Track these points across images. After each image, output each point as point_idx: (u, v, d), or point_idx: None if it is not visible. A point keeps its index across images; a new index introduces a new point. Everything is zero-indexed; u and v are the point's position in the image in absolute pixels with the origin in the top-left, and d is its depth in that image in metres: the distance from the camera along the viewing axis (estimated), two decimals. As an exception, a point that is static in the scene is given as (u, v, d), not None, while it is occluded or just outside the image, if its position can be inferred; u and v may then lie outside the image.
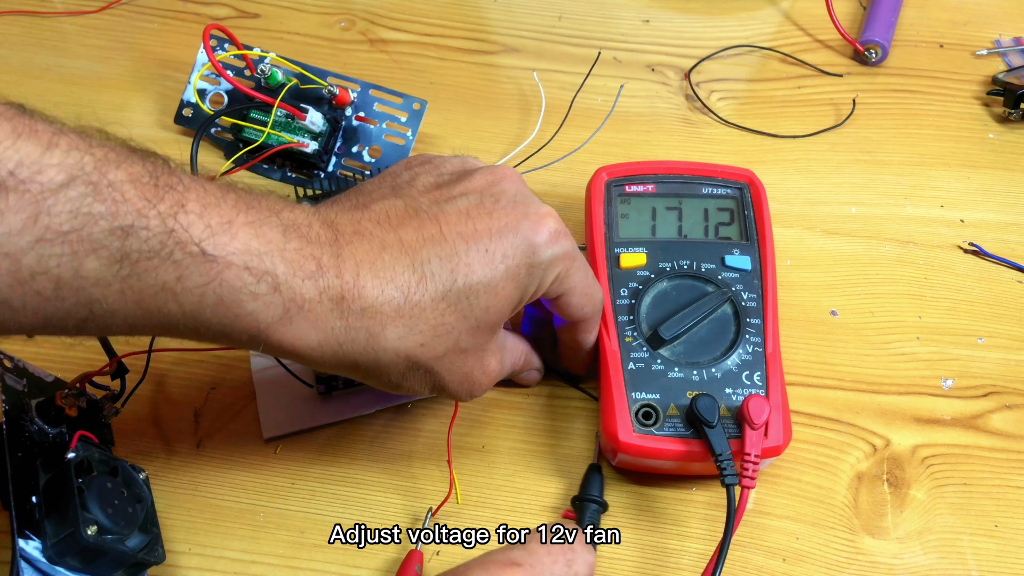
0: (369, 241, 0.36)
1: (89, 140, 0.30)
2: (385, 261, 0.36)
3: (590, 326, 0.44)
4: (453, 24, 0.67)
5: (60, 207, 0.28)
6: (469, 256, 0.37)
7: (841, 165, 0.59)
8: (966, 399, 0.49)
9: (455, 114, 0.61)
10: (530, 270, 0.38)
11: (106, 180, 0.29)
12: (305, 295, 0.34)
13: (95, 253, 0.29)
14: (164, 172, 0.31)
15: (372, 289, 0.35)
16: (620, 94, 0.62)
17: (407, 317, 0.36)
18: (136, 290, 0.30)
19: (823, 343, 0.51)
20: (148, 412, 0.48)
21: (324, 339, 0.35)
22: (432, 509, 0.44)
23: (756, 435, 0.42)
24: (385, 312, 0.35)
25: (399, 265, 0.36)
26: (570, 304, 0.41)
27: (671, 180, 0.51)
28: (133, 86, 0.62)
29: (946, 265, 0.54)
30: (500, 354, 0.41)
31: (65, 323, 0.30)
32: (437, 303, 0.36)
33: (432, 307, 0.36)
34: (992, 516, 0.45)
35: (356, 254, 0.35)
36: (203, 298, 0.32)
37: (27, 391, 0.42)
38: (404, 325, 0.36)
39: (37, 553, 0.38)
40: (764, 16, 0.68)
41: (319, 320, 0.34)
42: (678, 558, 0.44)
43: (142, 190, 0.30)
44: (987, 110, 0.62)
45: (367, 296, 0.35)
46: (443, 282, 0.36)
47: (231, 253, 0.32)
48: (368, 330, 0.35)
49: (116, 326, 0.31)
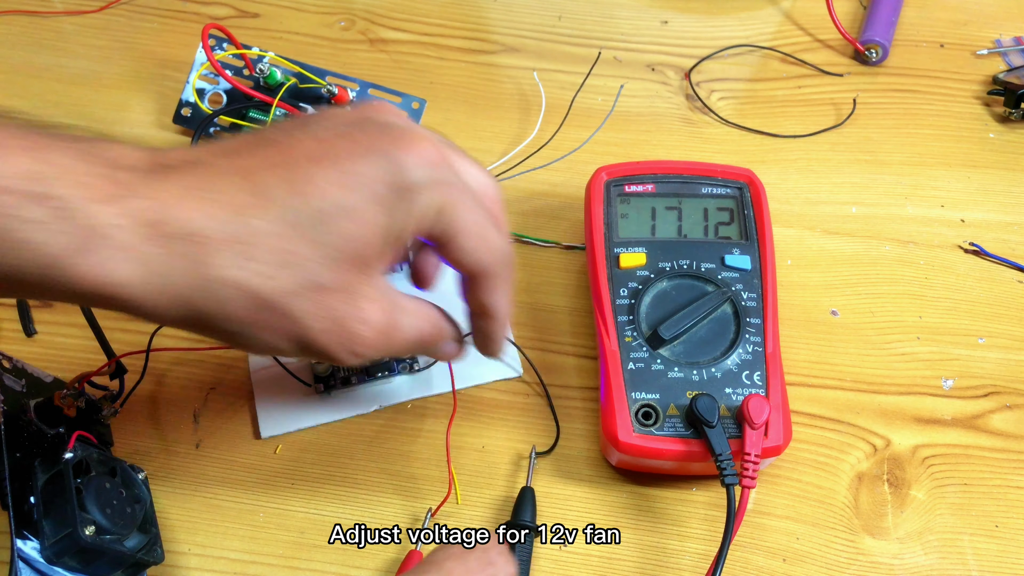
0: (201, 168, 0.31)
1: None
2: (215, 184, 0.31)
3: (492, 284, 0.36)
4: (453, 24, 0.67)
5: None
6: (320, 177, 0.31)
7: (841, 165, 0.59)
8: (966, 399, 0.49)
9: (455, 114, 0.61)
10: (400, 193, 0.32)
11: None
12: (104, 220, 0.29)
13: None
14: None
15: (195, 212, 0.30)
16: (620, 94, 0.62)
17: (242, 243, 0.30)
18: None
19: (823, 343, 0.51)
20: (147, 412, 0.48)
21: (142, 272, 0.29)
22: (432, 509, 0.44)
23: (756, 435, 0.42)
24: (213, 236, 0.30)
25: (231, 188, 0.31)
26: (461, 249, 0.35)
27: (671, 180, 0.51)
28: (132, 85, 0.62)
29: (946, 265, 0.54)
30: (385, 304, 0.34)
31: None
32: (280, 227, 0.31)
33: (274, 232, 0.31)
34: (993, 516, 0.45)
35: (182, 180, 0.30)
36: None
37: (26, 391, 0.42)
38: (238, 252, 0.30)
39: (35, 553, 0.38)
40: (764, 16, 0.68)
41: (129, 248, 0.29)
42: (678, 558, 0.44)
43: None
44: (987, 110, 0.62)
45: (189, 219, 0.30)
46: (286, 205, 0.31)
47: (2, 177, 0.28)
48: (194, 257, 0.30)
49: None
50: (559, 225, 0.56)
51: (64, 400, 0.42)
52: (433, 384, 0.49)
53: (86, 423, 0.43)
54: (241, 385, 0.49)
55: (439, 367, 0.49)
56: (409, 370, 0.49)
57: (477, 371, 0.49)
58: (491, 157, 0.58)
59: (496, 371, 0.49)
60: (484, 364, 0.49)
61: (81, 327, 0.47)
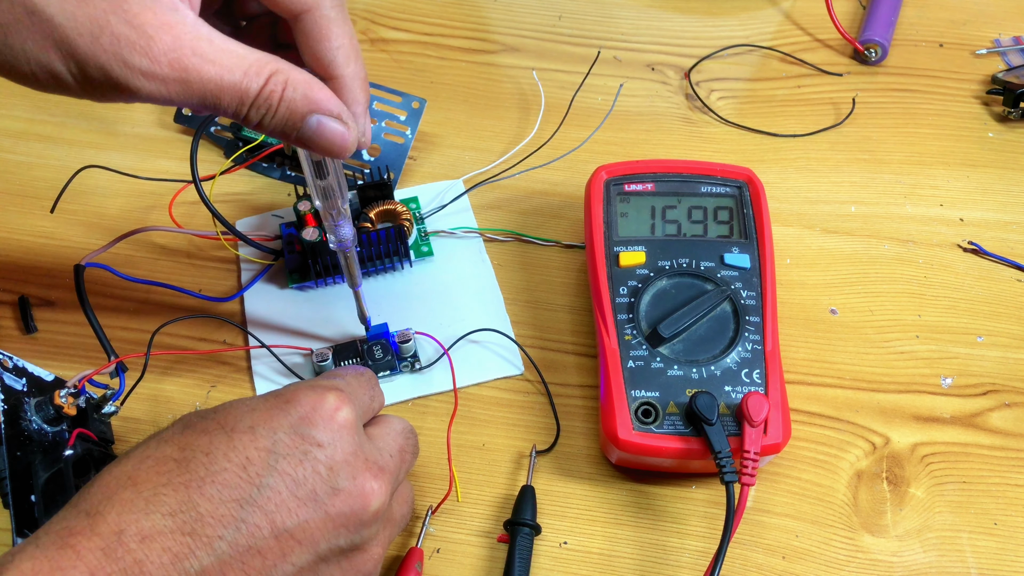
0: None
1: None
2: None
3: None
4: (453, 23, 0.67)
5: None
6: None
7: (841, 164, 0.59)
8: (965, 397, 0.49)
9: (455, 113, 0.61)
10: None
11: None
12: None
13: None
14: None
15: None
16: (620, 93, 0.62)
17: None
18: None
19: (823, 341, 0.51)
20: (147, 410, 0.48)
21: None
22: (432, 507, 0.44)
23: (755, 432, 0.42)
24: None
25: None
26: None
27: (670, 179, 0.51)
28: (133, 85, 0.62)
29: (945, 264, 0.54)
30: (172, 20, 0.32)
31: None
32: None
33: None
34: (991, 514, 0.45)
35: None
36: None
37: (27, 390, 0.42)
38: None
39: (36, 551, 0.38)
40: (764, 16, 0.68)
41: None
42: (678, 556, 0.44)
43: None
44: (987, 109, 0.62)
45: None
46: None
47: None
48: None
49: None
50: (559, 224, 0.56)
51: (64, 399, 0.42)
52: (434, 382, 0.49)
53: (86, 421, 0.43)
54: (242, 383, 0.49)
55: (440, 366, 0.49)
56: (411, 369, 0.49)
57: (478, 369, 0.49)
58: (491, 156, 0.59)
59: (497, 369, 0.49)
60: (485, 363, 0.49)
61: (82, 326, 0.47)
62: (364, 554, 0.36)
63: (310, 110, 0.34)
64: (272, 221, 0.55)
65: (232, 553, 0.32)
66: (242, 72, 0.33)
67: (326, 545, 0.34)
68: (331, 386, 0.36)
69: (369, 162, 0.57)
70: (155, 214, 0.56)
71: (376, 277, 0.53)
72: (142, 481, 0.33)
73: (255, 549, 0.32)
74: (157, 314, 0.51)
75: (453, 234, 0.55)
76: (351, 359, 0.49)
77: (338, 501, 0.34)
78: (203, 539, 0.32)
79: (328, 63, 0.37)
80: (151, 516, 0.31)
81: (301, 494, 0.33)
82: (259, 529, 0.32)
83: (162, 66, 0.32)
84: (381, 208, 0.52)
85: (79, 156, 0.58)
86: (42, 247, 0.54)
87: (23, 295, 0.52)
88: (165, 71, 0.32)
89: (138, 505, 0.32)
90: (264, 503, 0.33)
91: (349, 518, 0.34)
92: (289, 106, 0.34)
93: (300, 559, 0.33)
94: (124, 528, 0.31)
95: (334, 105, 0.35)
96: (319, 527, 0.34)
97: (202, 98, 0.33)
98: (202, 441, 0.34)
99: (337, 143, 0.35)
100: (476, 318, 0.51)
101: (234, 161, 0.56)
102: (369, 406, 0.39)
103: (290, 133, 0.35)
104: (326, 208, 0.42)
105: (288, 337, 0.50)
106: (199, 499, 0.32)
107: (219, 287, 0.53)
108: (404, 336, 0.48)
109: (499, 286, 0.53)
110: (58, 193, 0.55)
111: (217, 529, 0.32)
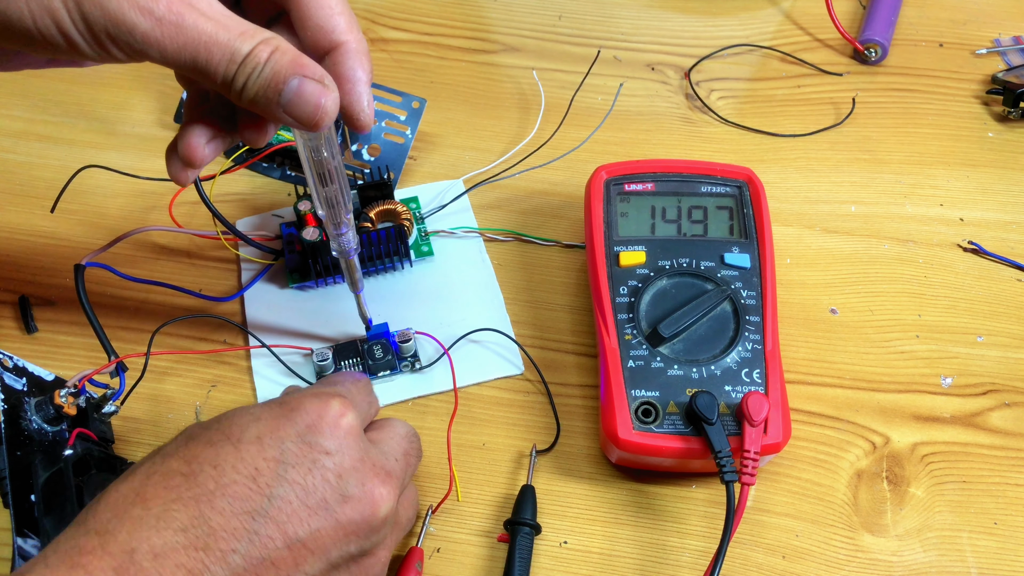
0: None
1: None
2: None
3: (350, 54, 0.38)
4: (453, 23, 0.67)
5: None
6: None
7: (841, 164, 0.59)
8: (965, 397, 0.49)
9: (455, 113, 0.61)
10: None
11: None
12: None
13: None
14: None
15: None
16: (620, 93, 0.62)
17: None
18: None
19: (823, 341, 0.51)
20: (147, 410, 0.48)
21: None
22: (432, 507, 0.44)
23: (755, 432, 0.42)
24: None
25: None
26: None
27: (670, 179, 0.51)
28: (133, 84, 0.62)
29: (945, 263, 0.54)
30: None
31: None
32: None
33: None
34: (991, 513, 0.45)
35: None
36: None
37: (27, 390, 0.42)
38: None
39: (35, 551, 0.38)
40: (764, 15, 0.68)
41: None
42: (678, 555, 0.44)
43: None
44: (986, 109, 0.62)
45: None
46: None
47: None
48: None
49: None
50: (559, 224, 0.56)
51: (64, 398, 0.42)
52: (434, 382, 0.49)
53: (87, 421, 0.43)
54: (242, 383, 0.49)
55: (440, 366, 0.49)
56: (411, 368, 0.49)
57: (478, 369, 0.49)
58: (491, 156, 0.59)
59: (497, 369, 0.49)
60: (485, 362, 0.49)
61: (82, 325, 0.47)
62: (372, 558, 0.36)
63: (294, 72, 0.34)
64: (272, 221, 0.55)
65: (246, 566, 0.32)
66: (237, 33, 0.34)
67: (337, 552, 0.34)
68: (333, 393, 0.37)
69: (369, 162, 0.57)
70: (155, 214, 0.56)
71: (376, 277, 0.53)
72: (151, 497, 0.33)
73: (269, 560, 0.32)
74: (157, 314, 0.51)
75: (453, 234, 0.55)
76: (351, 359, 0.49)
77: (348, 508, 0.34)
78: (217, 554, 0.32)
79: (331, 29, 0.37)
80: (163, 533, 0.31)
81: (312, 503, 0.34)
82: (272, 540, 0.33)
83: (160, 5, 0.32)
84: (381, 208, 0.52)
85: (79, 156, 0.58)
86: (42, 247, 0.54)
87: (23, 295, 0.52)
88: (163, 11, 0.32)
89: (149, 522, 0.32)
90: (275, 514, 0.33)
91: (359, 525, 0.35)
92: (274, 67, 0.34)
93: (313, 568, 0.34)
94: (136, 546, 0.31)
95: (317, 70, 0.35)
96: (330, 535, 0.34)
97: (194, 51, 0.33)
98: (208, 453, 0.34)
99: (318, 103, 0.35)
100: (476, 318, 0.51)
101: (234, 161, 0.56)
102: (368, 412, 0.40)
103: (272, 97, 0.35)
104: (329, 217, 0.42)
105: (288, 337, 0.50)
106: (210, 513, 0.32)
107: (219, 287, 0.53)
108: (404, 336, 0.48)
109: (499, 286, 0.53)
110: (58, 193, 0.55)
111: (230, 543, 0.32)
